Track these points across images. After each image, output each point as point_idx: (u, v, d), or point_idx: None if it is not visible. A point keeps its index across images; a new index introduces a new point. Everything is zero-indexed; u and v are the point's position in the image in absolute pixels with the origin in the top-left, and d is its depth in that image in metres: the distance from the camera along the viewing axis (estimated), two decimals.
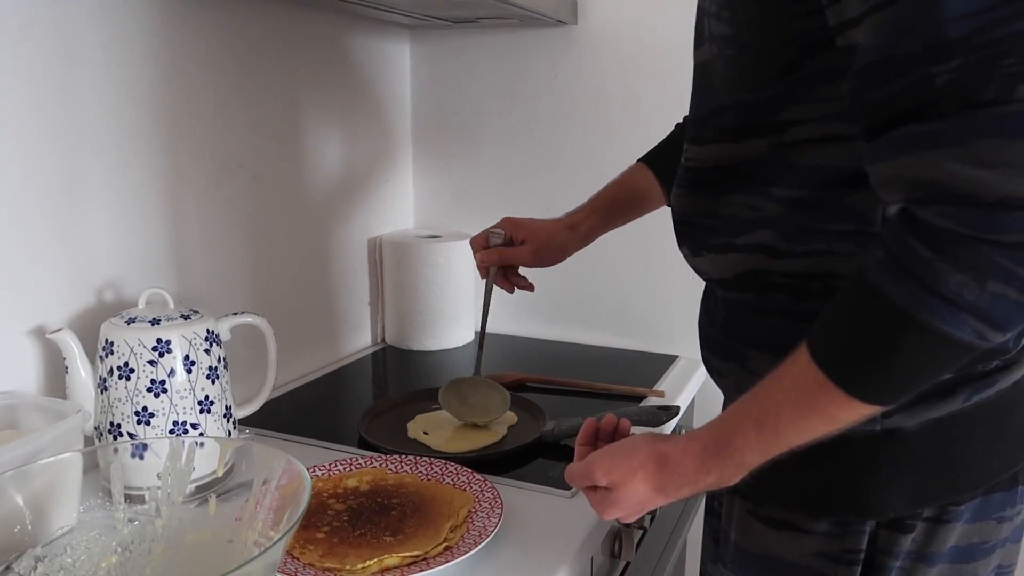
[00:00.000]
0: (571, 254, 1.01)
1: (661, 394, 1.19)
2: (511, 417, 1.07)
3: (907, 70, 0.45)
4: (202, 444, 0.67)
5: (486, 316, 1.03)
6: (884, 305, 0.48)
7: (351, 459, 0.91)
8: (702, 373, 1.36)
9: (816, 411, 0.53)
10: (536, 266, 1.00)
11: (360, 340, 1.45)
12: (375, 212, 1.46)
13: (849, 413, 0.52)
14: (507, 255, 0.99)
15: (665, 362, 1.35)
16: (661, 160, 0.98)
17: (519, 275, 1.03)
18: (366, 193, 1.44)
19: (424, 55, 1.51)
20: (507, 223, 1.01)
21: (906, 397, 0.54)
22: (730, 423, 0.59)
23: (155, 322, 0.84)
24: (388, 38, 1.45)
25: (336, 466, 0.89)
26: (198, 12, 1.03)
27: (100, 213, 0.93)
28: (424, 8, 1.24)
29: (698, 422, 1.36)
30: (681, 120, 0.99)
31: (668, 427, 1.08)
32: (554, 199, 1.46)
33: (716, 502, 0.77)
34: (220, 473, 0.66)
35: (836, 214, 0.60)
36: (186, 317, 0.86)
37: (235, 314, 0.93)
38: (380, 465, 0.90)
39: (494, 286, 1.02)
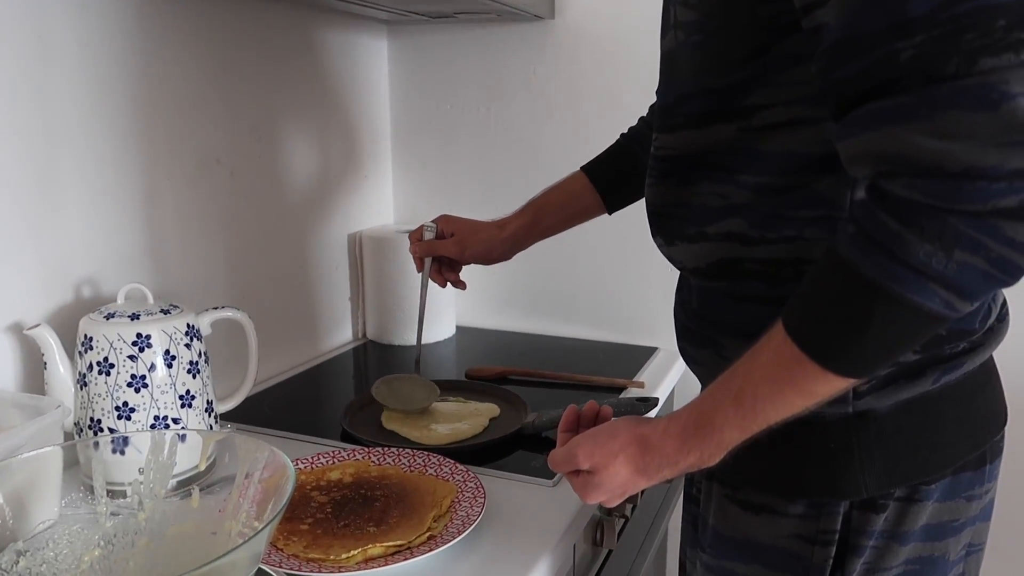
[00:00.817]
0: (500, 253, 1.03)
1: (641, 385, 1.20)
2: (493, 409, 1.08)
3: (872, 47, 0.46)
4: (184, 437, 0.67)
5: (423, 310, 1.08)
6: (855, 278, 0.49)
7: (334, 452, 0.91)
8: (681, 364, 1.37)
9: (793, 386, 0.54)
10: (464, 259, 1.04)
11: (341, 335, 1.45)
12: (354, 207, 1.46)
13: (825, 387, 0.53)
14: (434, 246, 1.04)
15: (645, 354, 1.36)
16: (599, 168, 1.02)
17: (452, 271, 1.07)
18: (345, 188, 1.44)
19: (402, 50, 1.51)
20: (441, 219, 1.05)
21: (881, 370, 0.55)
22: (709, 402, 0.59)
23: (135, 317, 0.83)
24: (366, 33, 1.45)
25: (319, 459, 0.90)
26: (174, 8, 1.02)
27: (77, 209, 0.92)
28: (402, 3, 1.24)
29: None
30: (626, 130, 1.03)
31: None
32: (532, 193, 1.47)
33: (695, 488, 0.78)
34: (203, 466, 0.66)
35: (805, 200, 0.60)
36: (166, 312, 0.86)
37: (215, 308, 0.93)
38: (363, 457, 0.91)
39: (429, 279, 1.07)
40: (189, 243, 1.09)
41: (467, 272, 1.54)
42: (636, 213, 1.34)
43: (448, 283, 1.08)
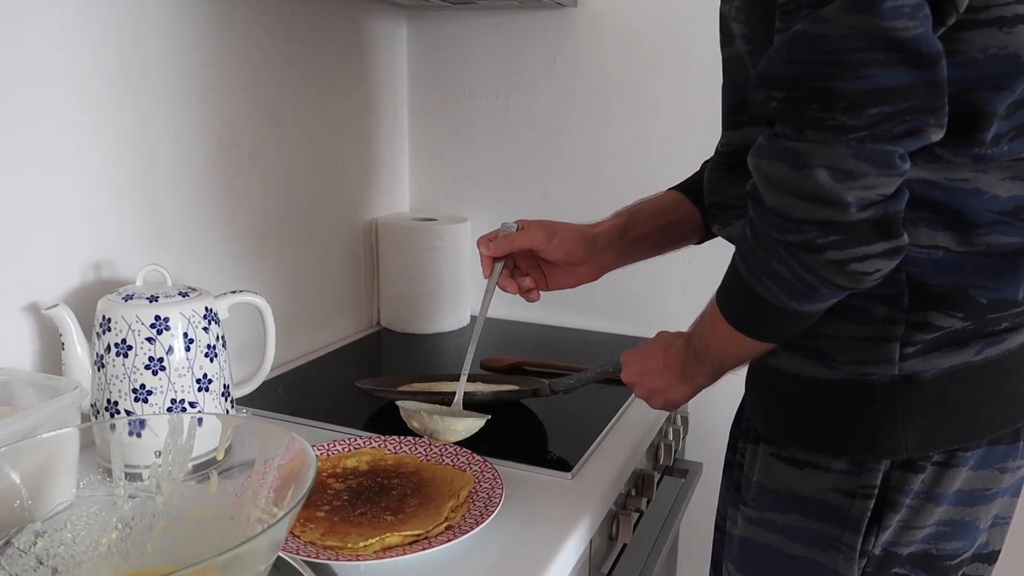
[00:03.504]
0: (588, 254, 0.91)
1: None
2: (511, 389, 1.07)
3: (765, 87, 0.56)
4: (202, 421, 0.67)
5: (479, 329, 0.92)
6: (736, 271, 0.65)
7: (350, 439, 0.91)
8: None
9: (734, 344, 0.70)
10: (549, 252, 0.90)
11: (356, 323, 1.45)
12: (371, 194, 1.45)
13: (755, 346, 0.69)
14: (514, 240, 0.91)
15: None
16: (689, 185, 0.95)
17: (526, 276, 0.93)
18: (362, 175, 1.43)
19: (421, 37, 1.49)
20: (521, 221, 0.94)
21: (788, 338, 0.67)
22: (689, 350, 0.78)
23: (153, 299, 0.83)
24: (385, 19, 1.43)
25: (335, 446, 0.89)
26: None
27: (97, 190, 0.92)
28: None
29: (692, 402, 1.37)
30: (707, 160, 0.96)
31: None
32: (551, 183, 1.46)
33: (738, 455, 0.80)
34: (221, 451, 0.66)
35: None
36: (184, 295, 0.85)
37: (234, 292, 0.92)
38: (379, 445, 0.90)
39: (496, 287, 0.91)
40: (208, 226, 1.08)
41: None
42: None
43: (519, 292, 0.94)
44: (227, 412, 0.88)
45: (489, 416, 0.82)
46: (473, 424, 0.79)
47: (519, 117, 1.45)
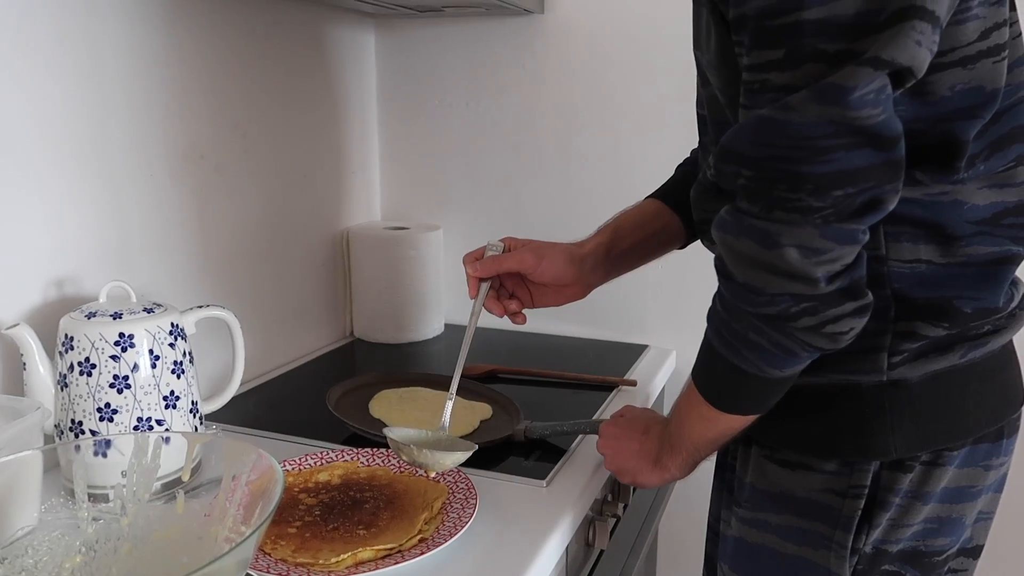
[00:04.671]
0: (577, 274, 0.89)
1: (633, 383, 1.20)
2: (485, 410, 1.07)
3: (731, 162, 0.59)
4: (168, 439, 0.65)
5: (465, 352, 0.88)
6: (711, 346, 0.67)
7: (321, 453, 0.90)
8: (672, 361, 1.37)
9: (712, 424, 0.71)
10: (537, 275, 0.88)
11: (329, 333, 1.43)
12: (342, 204, 1.44)
13: (732, 424, 0.70)
14: (501, 261, 0.88)
15: (635, 351, 1.36)
16: (667, 191, 0.94)
17: (513, 298, 0.92)
18: (332, 185, 1.42)
19: (389, 45, 1.49)
20: (507, 239, 0.92)
21: (765, 408, 0.68)
22: (665, 437, 0.78)
23: (117, 316, 0.81)
24: (352, 27, 1.43)
25: (306, 460, 0.88)
26: (158, 2, 1.00)
27: (58, 205, 0.90)
28: None
29: (667, 408, 1.37)
30: (681, 162, 0.97)
31: None
32: (524, 189, 1.46)
33: (730, 456, 0.81)
34: (187, 470, 0.65)
35: None
36: (149, 311, 0.84)
37: (200, 307, 0.91)
38: (351, 459, 0.89)
39: (482, 308, 0.88)
40: (173, 240, 1.07)
41: (455, 266, 1.53)
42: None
43: (505, 314, 0.92)
44: (195, 429, 0.87)
45: (476, 447, 0.82)
46: (461, 456, 0.78)
47: (489, 123, 1.45)
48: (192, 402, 0.86)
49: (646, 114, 1.36)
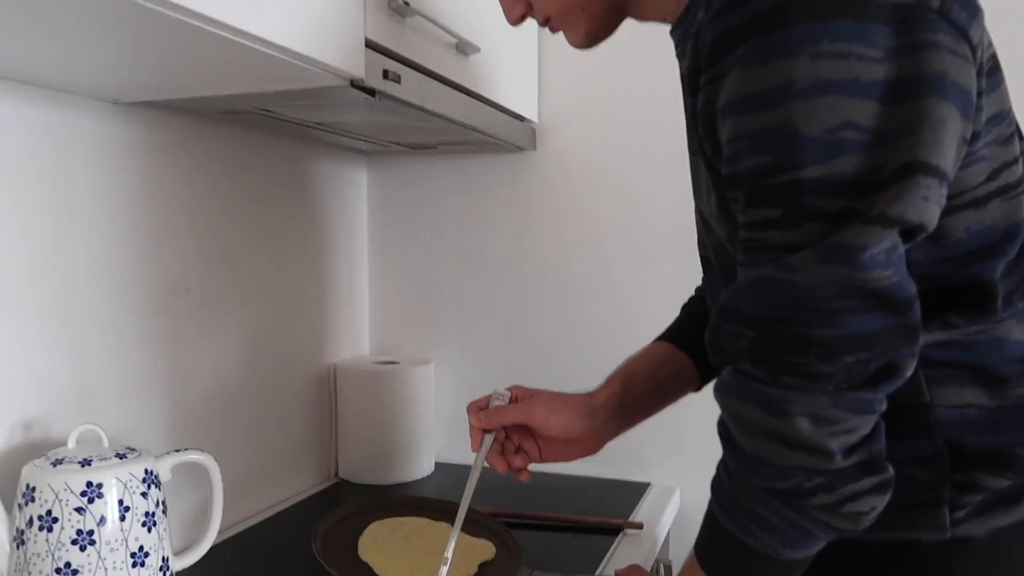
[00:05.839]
0: (588, 428, 0.83)
1: (639, 526, 1.12)
2: (487, 549, 0.98)
3: (733, 321, 0.56)
4: None
5: (465, 507, 0.81)
6: (717, 523, 0.61)
7: None
8: (677, 500, 1.29)
9: None
10: (546, 428, 0.82)
11: (312, 476, 1.35)
12: (330, 338, 1.40)
13: None
14: (506, 413, 0.83)
15: (637, 490, 1.28)
16: (675, 332, 0.90)
17: (520, 451, 0.85)
18: (320, 318, 1.38)
19: (381, 180, 1.50)
20: (515, 388, 0.87)
21: None
22: None
23: (86, 463, 0.75)
24: (345, 163, 1.44)
25: None
26: (145, 131, 1.00)
27: (25, 342, 0.85)
28: (385, 135, 1.24)
29: (674, 552, 1.29)
30: (687, 301, 0.94)
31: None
32: (515, 320, 1.43)
33: None
34: None
35: None
36: (122, 456, 0.77)
37: (177, 451, 0.85)
38: None
39: (484, 462, 0.82)
40: (152, 378, 1.01)
41: (446, 401, 1.47)
42: (626, 342, 1.29)
43: (510, 471, 0.85)
44: None
45: None
46: None
47: (480, 253, 1.44)
48: (163, 559, 0.78)
49: (638, 245, 1.35)
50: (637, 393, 0.86)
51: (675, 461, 1.33)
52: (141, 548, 0.75)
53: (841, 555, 0.63)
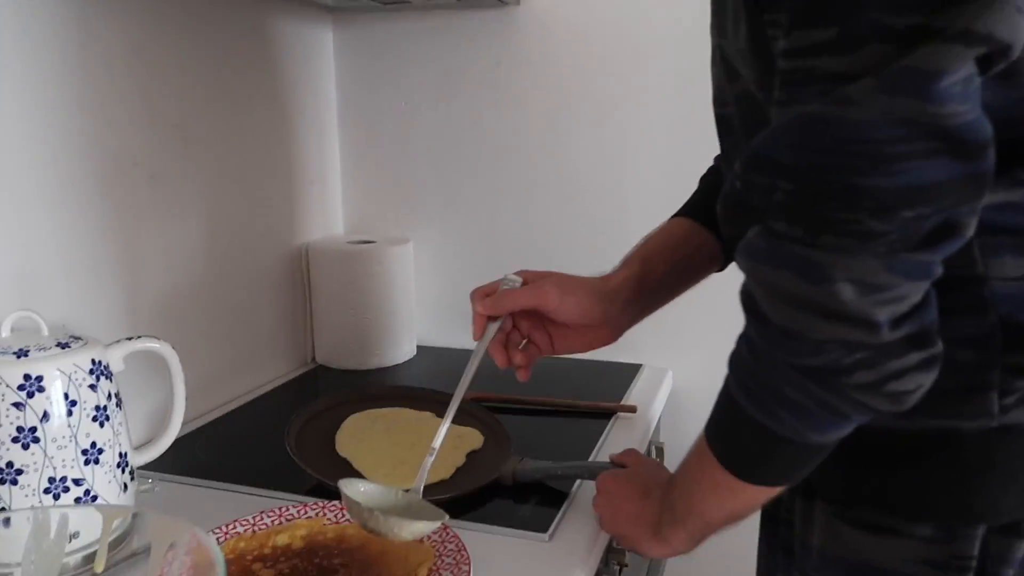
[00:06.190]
0: (605, 313, 0.76)
1: (632, 409, 1.07)
2: (475, 438, 0.93)
3: (766, 173, 0.47)
4: (72, 516, 0.51)
5: (458, 399, 0.74)
6: (734, 402, 0.55)
7: (280, 509, 0.75)
8: (670, 382, 1.25)
9: (727, 495, 0.59)
10: (560, 312, 0.75)
11: (288, 362, 1.29)
12: (299, 217, 1.30)
13: (751, 497, 0.59)
14: (517, 297, 0.75)
15: (630, 372, 1.23)
16: (694, 208, 0.82)
17: (529, 343, 0.79)
18: (288, 196, 1.27)
19: (349, 42, 1.36)
20: (524, 272, 0.79)
21: (795, 480, 0.57)
22: (667, 505, 0.66)
23: (22, 354, 0.66)
24: (308, 22, 1.29)
25: (262, 519, 0.74)
26: None
27: None
28: None
29: (666, 435, 1.25)
30: (705, 172, 0.84)
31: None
32: (502, 198, 1.34)
33: (783, 509, 0.67)
34: (101, 560, 0.50)
35: None
36: (64, 346, 0.69)
37: (129, 339, 0.76)
38: (316, 515, 0.75)
39: (484, 352, 0.75)
40: (99, 261, 0.91)
41: (426, 282, 1.39)
42: (616, 227, 1.21)
43: (509, 366, 0.79)
44: (125, 487, 0.72)
45: (446, 516, 0.67)
46: (424, 528, 0.64)
47: (462, 126, 1.32)
48: (120, 454, 0.72)
49: (640, 113, 1.24)
50: (656, 275, 0.78)
51: (668, 342, 1.27)
52: (94, 444, 0.68)
53: (867, 446, 0.57)
